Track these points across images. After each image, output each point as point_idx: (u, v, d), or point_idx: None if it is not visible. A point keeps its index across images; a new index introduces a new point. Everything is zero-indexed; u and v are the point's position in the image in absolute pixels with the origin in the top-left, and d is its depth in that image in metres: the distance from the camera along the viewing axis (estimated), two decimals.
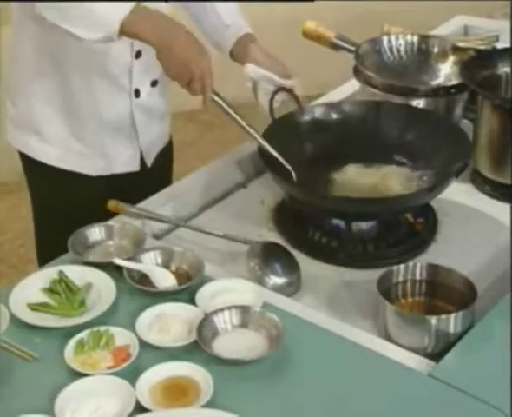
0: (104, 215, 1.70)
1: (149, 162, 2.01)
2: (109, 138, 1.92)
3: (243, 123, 1.76)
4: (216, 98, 1.72)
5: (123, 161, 1.95)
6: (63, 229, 1.63)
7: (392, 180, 1.78)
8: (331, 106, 1.93)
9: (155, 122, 1.99)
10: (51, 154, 1.91)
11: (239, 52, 1.94)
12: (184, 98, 1.85)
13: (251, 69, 1.90)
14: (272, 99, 1.89)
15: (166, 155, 2.09)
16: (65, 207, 1.93)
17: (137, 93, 1.91)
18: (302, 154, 1.82)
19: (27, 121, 1.91)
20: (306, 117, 1.89)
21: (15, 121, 1.95)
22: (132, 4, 1.64)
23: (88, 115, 1.89)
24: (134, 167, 1.97)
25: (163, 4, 1.85)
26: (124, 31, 1.65)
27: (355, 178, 1.80)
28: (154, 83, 1.94)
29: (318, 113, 1.90)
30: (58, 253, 1.61)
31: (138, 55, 1.86)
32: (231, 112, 1.75)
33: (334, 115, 1.90)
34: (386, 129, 1.87)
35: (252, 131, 1.76)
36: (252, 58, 1.92)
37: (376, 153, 1.84)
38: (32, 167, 1.96)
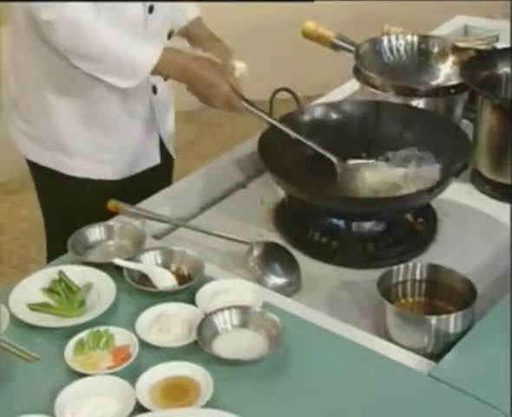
0: (104, 216, 1.70)
1: (173, 152, 2.07)
2: (133, 139, 1.96)
3: (276, 123, 1.80)
4: (247, 106, 1.81)
5: (145, 157, 1.99)
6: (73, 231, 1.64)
7: (392, 180, 1.78)
8: (331, 106, 1.93)
9: (169, 114, 2.05)
10: (79, 167, 1.93)
11: (187, 34, 2.04)
12: (184, 98, 1.85)
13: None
14: (272, 98, 1.89)
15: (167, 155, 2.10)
16: (74, 209, 1.93)
17: (154, 89, 1.95)
18: (302, 154, 1.82)
19: (50, 138, 1.91)
20: (306, 117, 1.89)
21: (34, 138, 1.94)
22: (159, 51, 1.76)
23: (110, 123, 1.91)
24: (155, 160, 2.02)
25: None
26: (154, 73, 1.80)
27: (356, 178, 1.80)
28: (166, 77, 1.95)
29: (318, 113, 1.90)
30: None
31: None
32: (265, 117, 1.81)
33: (334, 115, 1.90)
34: (386, 129, 1.87)
35: (290, 131, 1.80)
36: (196, 41, 2.01)
37: (375, 153, 1.84)
38: (46, 175, 1.96)
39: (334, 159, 1.79)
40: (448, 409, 1.28)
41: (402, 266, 1.52)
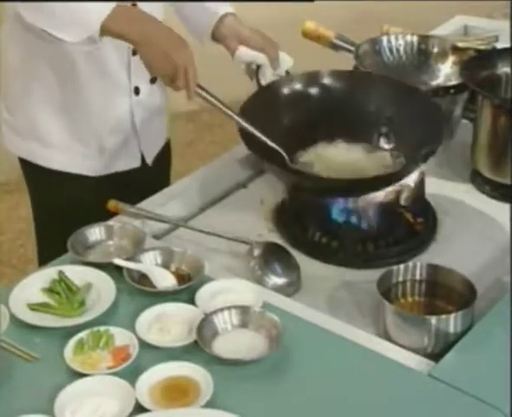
0: (104, 215, 1.70)
1: (149, 160, 2.01)
2: (111, 137, 1.92)
3: (229, 112, 1.74)
4: (199, 91, 1.71)
5: (125, 158, 1.96)
6: (64, 230, 1.63)
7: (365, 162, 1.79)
8: (313, 77, 1.90)
9: (154, 118, 1.99)
10: (55, 159, 1.91)
11: (223, 33, 1.92)
12: (184, 98, 1.85)
13: (242, 52, 1.89)
14: (257, 72, 1.88)
15: (165, 153, 2.09)
16: (66, 208, 1.93)
17: (137, 90, 1.91)
18: (281, 126, 1.82)
19: (27, 127, 1.91)
20: (286, 89, 1.87)
21: (13, 128, 1.94)
22: (112, 5, 1.65)
23: (88, 117, 1.89)
24: (136, 163, 1.98)
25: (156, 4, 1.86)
26: (105, 31, 1.66)
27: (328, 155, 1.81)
28: (153, 80, 1.94)
29: (299, 84, 1.89)
30: (59, 254, 1.62)
31: (135, 52, 1.85)
32: (216, 102, 1.73)
33: (315, 87, 1.88)
34: (368, 103, 1.86)
35: (237, 118, 1.74)
36: (238, 38, 1.89)
37: (356, 129, 1.84)
38: (33, 171, 1.96)
39: (285, 155, 1.75)
40: (448, 409, 1.28)
41: (402, 266, 1.52)
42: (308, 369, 1.36)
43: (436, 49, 2.14)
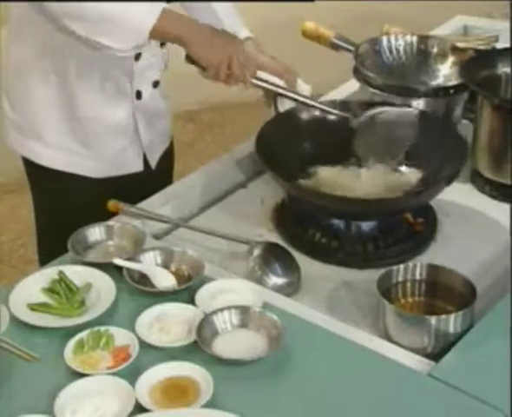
0: (107, 217, 1.70)
1: (153, 163, 2.01)
2: (112, 140, 1.92)
3: (295, 95, 1.79)
4: (255, 81, 1.76)
5: (127, 162, 1.96)
6: (66, 231, 1.63)
7: (390, 180, 1.78)
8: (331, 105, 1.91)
9: (157, 123, 1.99)
10: (56, 159, 1.91)
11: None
12: (184, 98, 1.85)
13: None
14: (275, 97, 1.88)
15: (167, 156, 2.09)
16: (68, 209, 1.93)
17: (139, 95, 1.91)
18: (300, 150, 1.82)
19: (30, 126, 1.91)
20: (306, 115, 1.88)
21: (17, 126, 1.94)
22: (159, 8, 1.68)
23: (89, 119, 1.89)
24: (138, 167, 1.98)
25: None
26: (154, 33, 1.69)
27: (342, 178, 1.80)
28: (155, 84, 1.94)
29: (318, 111, 1.89)
30: (60, 255, 1.61)
31: (138, 56, 1.86)
32: (276, 89, 1.78)
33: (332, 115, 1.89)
34: (386, 132, 1.86)
35: (305, 99, 1.80)
36: (256, 64, 1.87)
37: (375, 153, 1.84)
38: (36, 171, 1.96)
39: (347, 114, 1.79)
40: (448, 409, 1.27)
41: (402, 266, 1.52)
42: (308, 369, 1.36)
43: (435, 50, 2.14)
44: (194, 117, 4.20)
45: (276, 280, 1.60)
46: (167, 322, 1.42)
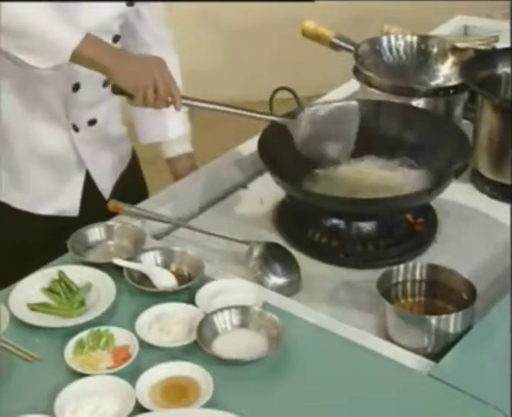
0: (56, 254, 1.61)
1: (106, 193, 1.91)
2: (53, 174, 1.83)
3: (223, 108, 1.73)
4: (184, 101, 1.69)
5: (63, 199, 1.86)
6: (14, 269, 1.57)
7: (393, 180, 1.78)
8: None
9: (107, 150, 1.91)
10: None
11: (176, 169, 2.01)
12: None
13: None
14: (272, 97, 1.88)
15: (130, 173, 2.01)
16: (13, 244, 1.83)
17: (75, 127, 1.83)
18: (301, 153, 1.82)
19: None
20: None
21: None
22: (84, 32, 1.61)
23: (17, 143, 1.79)
24: (71, 212, 1.87)
25: None
26: (76, 57, 1.61)
27: (353, 176, 1.80)
28: (91, 123, 1.85)
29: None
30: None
31: (76, 87, 1.78)
32: (206, 105, 1.71)
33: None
34: (386, 129, 1.87)
35: (235, 110, 1.74)
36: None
37: (377, 151, 1.84)
38: None
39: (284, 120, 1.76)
40: (448, 409, 1.28)
41: (402, 266, 1.52)
42: (308, 369, 1.36)
43: (435, 50, 2.15)
44: (194, 117, 4.19)
45: (276, 280, 1.60)
46: (167, 322, 1.42)
